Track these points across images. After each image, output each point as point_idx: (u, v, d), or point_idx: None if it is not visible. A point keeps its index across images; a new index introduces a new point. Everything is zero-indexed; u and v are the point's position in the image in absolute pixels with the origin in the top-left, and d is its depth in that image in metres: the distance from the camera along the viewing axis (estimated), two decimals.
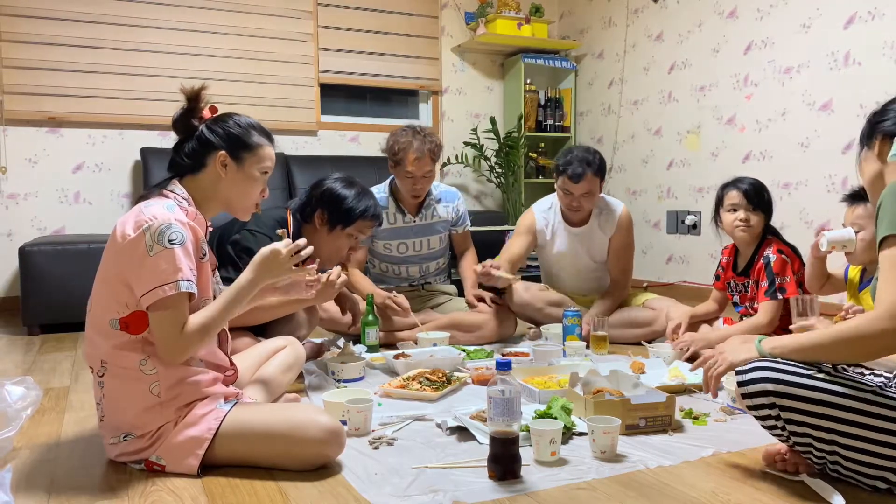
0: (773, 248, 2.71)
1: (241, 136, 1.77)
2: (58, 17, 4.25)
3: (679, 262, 4.73)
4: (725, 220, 2.78)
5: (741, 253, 2.84)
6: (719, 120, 4.40)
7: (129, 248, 1.59)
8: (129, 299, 1.61)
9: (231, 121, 1.79)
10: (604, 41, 5.35)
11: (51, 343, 3.38)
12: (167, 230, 1.58)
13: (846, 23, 3.65)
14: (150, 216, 1.60)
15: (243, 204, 1.82)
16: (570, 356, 2.71)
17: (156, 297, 1.56)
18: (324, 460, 1.65)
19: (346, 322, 2.90)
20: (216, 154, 1.74)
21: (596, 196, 3.08)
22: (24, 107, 4.22)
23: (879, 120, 1.57)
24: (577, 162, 2.98)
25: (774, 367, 1.48)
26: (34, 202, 4.30)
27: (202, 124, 1.77)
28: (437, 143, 3.08)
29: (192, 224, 1.66)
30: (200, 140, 1.75)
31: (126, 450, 1.66)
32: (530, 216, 3.27)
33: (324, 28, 4.98)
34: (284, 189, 4.58)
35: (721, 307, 2.97)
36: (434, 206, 3.23)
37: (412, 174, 3.02)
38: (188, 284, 1.58)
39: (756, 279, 2.74)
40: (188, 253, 1.61)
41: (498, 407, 1.57)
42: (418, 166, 3.01)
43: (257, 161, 1.80)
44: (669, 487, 1.56)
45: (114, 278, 1.62)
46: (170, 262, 1.57)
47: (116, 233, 1.63)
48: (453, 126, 5.43)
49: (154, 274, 1.56)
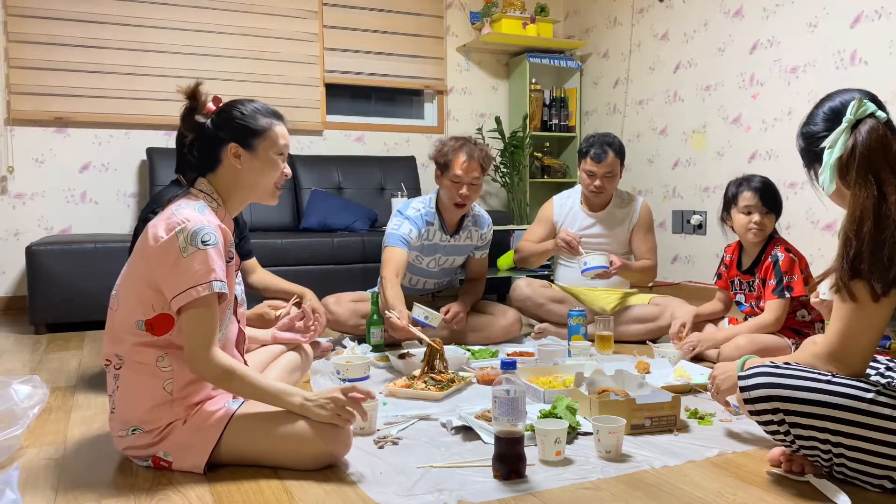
0: (780, 247, 2.70)
1: (248, 124, 1.73)
2: (64, 18, 4.27)
3: (684, 262, 4.72)
4: (738, 221, 2.74)
5: (746, 251, 2.82)
6: (725, 119, 4.39)
7: (161, 250, 1.58)
8: (156, 302, 1.61)
9: (234, 110, 1.74)
10: (609, 41, 5.34)
11: (57, 342, 3.39)
12: (200, 231, 1.58)
13: (853, 22, 3.63)
14: (183, 218, 1.60)
15: (266, 188, 1.79)
16: (575, 356, 2.71)
17: (189, 298, 1.55)
18: (329, 460, 1.66)
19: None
20: (227, 147, 1.72)
21: (617, 178, 3.25)
22: (30, 107, 4.24)
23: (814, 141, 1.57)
24: (598, 143, 3.18)
25: (776, 373, 1.48)
26: (41, 202, 4.32)
27: (207, 119, 1.73)
28: (486, 152, 2.95)
29: (222, 226, 1.66)
30: (207, 137, 1.72)
31: (134, 444, 1.66)
32: (549, 206, 3.44)
33: (329, 28, 4.99)
34: (290, 189, 4.59)
35: (727, 307, 2.96)
36: (470, 228, 3.13)
37: (459, 178, 2.88)
38: (221, 285, 1.58)
39: (763, 277, 2.72)
40: (220, 254, 1.61)
41: (503, 406, 1.57)
42: (466, 170, 2.87)
43: (271, 144, 1.76)
44: (674, 487, 1.56)
45: (143, 282, 1.62)
46: (203, 263, 1.56)
47: (148, 235, 1.62)
48: (458, 126, 5.42)
49: (188, 274, 1.55)
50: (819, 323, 2.73)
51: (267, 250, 3.82)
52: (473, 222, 3.14)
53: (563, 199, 3.42)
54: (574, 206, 3.37)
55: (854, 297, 1.44)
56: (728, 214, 2.79)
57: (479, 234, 3.17)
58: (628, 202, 3.34)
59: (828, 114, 1.55)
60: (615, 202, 3.32)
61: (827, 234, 3.74)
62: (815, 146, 1.56)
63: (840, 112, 1.52)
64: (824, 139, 1.53)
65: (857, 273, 1.43)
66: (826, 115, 1.56)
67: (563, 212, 3.39)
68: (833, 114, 1.54)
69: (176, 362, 1.64)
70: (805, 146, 1.61)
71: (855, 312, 1.45)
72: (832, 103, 1.56)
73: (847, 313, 1.46)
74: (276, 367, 2.14)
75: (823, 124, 1.55)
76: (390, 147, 5.23)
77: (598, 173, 3.17)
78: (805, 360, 1.53)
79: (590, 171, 3.20)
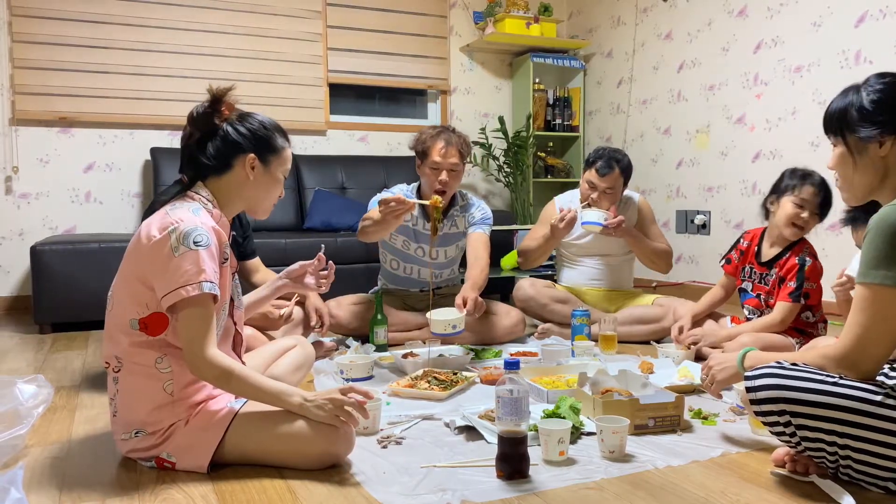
0: (808, 251, 2.65)
1: (268, 139, 1.77)
2: (69, 18, 4.28)
3: (688, 262, 4.71)
4: (785, 210, 2.61)
5: (771, 243, 2.74)
6: (729, 119, 4.39)
7: (153, 249, 1.59)
8: (150, 300, 1.62)
9: (256, 122, 1.77)
10: (613, 40, 5.33)
11: (62, 342, 3.40)
12: (193, 232, 1.58)
13: (857, 21, 3.62)
14: (177, 219, 1.60)
15: (266, 205, 1.83)
16: (578, 356, 2.71)
17: (177, 298, 1.56)
18: (333, 459, 1.66)
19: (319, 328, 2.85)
20: (245, 157, 1.73)
21: (617, 196, 3.19)
22: (35, 107, 4.25)
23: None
24: (607, 157, 3.14)
25: (783, 374, 1.48)
26: (45, 202, 4.33)
27: (224, 123, 1.73)
28: (464, 140, 2.98)
29: (216, 228, 1.66)
30: (227, 141, 1.72)
31: (137, 446, 1.67)
32: (552, 206, 3.40)
33: (333, 28, 4.99)
34: (294, 189, 4.60)
35: (727, 294, 2.93)
36: (455, 217, 3.11)
37: (438, 165, 2.90)
38: (211, 286, 1.58)
39: (783, 276, 2.66)
40: (212, 256, 1.61)
41: (506, 406, 1.57)
42: (444, 155, 2.89)
43: (282, 164, 1.81)
44: (678, 487, 1.56)
45: (135, 279, 1.63)
46: (194, 264, 1.57)
47: (141, 234, 1.63)
48: (462, 126, 5.41)
49: (177, 274, 1.56)
50: (823, 324, 2.72)
51: (270, 250, 3.82)
52: (461, 210, 3.11)
53: (564, 201, 3.40)
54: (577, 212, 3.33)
55: (882, 304, 1.41)
56: (776, 200, 2.67)
57: (465, 217, 3.10)
58: (626, 204, 3.30)
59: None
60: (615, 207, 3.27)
61: (831, 234, 3.73)
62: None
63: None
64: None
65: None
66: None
67: None
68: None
69: (175, 363, 1.64)
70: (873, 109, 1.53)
71: (879, 319, 1.42)
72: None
73: (869, 319, 1.43)
74: (279, 365, 2.14)
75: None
76: (394, 147, 5.23)
77: (600, 187, 3.12)
78: (814, 361, 1.51)
79: (591, 182, 3.14)
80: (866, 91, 1.55)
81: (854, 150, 1.56)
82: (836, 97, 1.62)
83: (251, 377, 1.63)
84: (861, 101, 1.55)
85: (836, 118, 1.59)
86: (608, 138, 5.38)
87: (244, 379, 1.61)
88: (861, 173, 1.56)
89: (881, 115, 1.52)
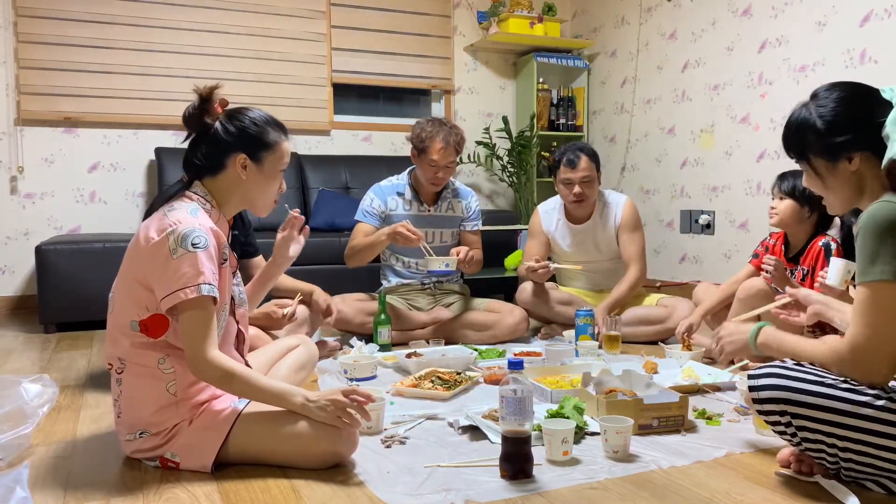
0: (832, 237, 2.66)
1: (259, 136, 1.75)
2: (73, 18, 4.29)
3: (692, 262, 4.70)
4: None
5: (791, 243, 2.78)
6: (733, 119, 4.37)
7: (152, 251, 1.59)
8: (150, 302, 1.62)
9: (247, 119, 1.75)
10: (617, 40, 5.33)
11: (67, 341, 3.41)
12: (191, 234, 1.58)
13: (862, 20, 3.61)
14: (175, 220, 1.60)
15: (264, 202, 1.82)
16: (582, 356, 2.70)
17: (177, 300, 1.56)
18: (337, 459, 1.66)
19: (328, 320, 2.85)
20: (235, 156, 1.72)
21: (595, 183, 3.20)
22: (40, 107, 4.26)
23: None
24: (570, 150, 3.20)
25: (786, 374, 1.47)
26: (50, 201, 4.34)
27: (216, 121, 1.73)
28: (461, 136, 3.13)
29: (214, 228, 1.66)
30: (216, 141, 1.72)
31: (141, 447, 1.67)
32: (536, 216, 3.41)
33: (336, 28, 4.99)
34: (298, 189, 4.60)
35: None
36: (450, 199, 3.27)
37: (436, 163, 3.05)
38: (209, 288, 1.58)
39: (812, 265, 2.66)
40: (211, 257, 1.61)
41: (510, 406, 1.57)
42: (442, 155, 3.04)
43: (277, 159, 1.78)
44: (682, 488, 1.55)
45: (135, 281, 1.63)
46: (192, 266, 1.57)
47: (140, 236, 1.63)
48: (465, 125, 5.40)
49: (176, 277, 1.56)
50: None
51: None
52: (454, 194, 3.29)
53: (548, 212, 3.38)
54: (560, 220, 3.34)
55: (887, 299, 1.38)
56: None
57: (462, 205, 3.28)
58: (611, 207, 3.27)
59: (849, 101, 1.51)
60: (598, 209, 3.28)
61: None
62: (839, 135, 1.50)
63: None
64: (849, 127, 1.49)
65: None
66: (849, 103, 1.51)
67: (550, 219, 3.36)
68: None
69: (178, 364, 1.64)
70: (827, 133, 1.52)
71: (890, 316, 1.38)
72: (844, 93, 1.53)
73: (878, 317, 1.39)
74: (282, 364, 2.14)
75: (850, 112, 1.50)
76: (398, 147, 5.23)
77: (575, 179, 3.14)
78: (823, 354, 1.48)
79: (566, 179, 3.16)
80: (818, 111, 1.53)
81: (822, 172, 1.55)
82: (789, 118, 1.59)
83: (253, 378, 1.63)
84: (815, 123, 1.53)
85: (795, 142, 1.58)
86: (612, 138, 5.38)
87: (246, 380, 1.61)
88: (836, 191, 1.55)
89: (841, 135, 1.49)
